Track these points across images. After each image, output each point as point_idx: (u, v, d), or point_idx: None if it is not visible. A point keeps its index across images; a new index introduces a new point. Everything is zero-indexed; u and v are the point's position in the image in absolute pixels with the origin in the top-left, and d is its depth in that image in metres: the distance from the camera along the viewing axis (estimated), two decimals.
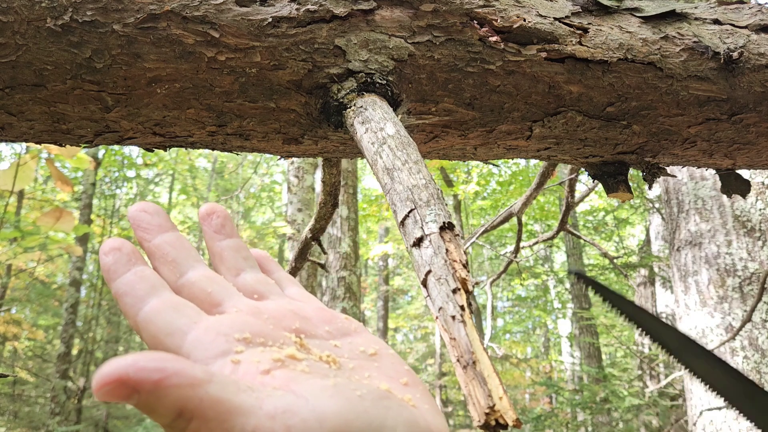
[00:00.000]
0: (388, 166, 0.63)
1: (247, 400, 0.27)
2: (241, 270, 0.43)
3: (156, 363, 0.26)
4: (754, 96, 0.88)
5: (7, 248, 4.50)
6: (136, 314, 0.35)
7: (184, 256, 0.40)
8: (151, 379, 0.25)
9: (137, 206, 0.40)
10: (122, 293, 0.36)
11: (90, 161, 2.94)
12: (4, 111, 0.75)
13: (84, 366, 8.80)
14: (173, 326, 0.34)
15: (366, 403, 0.30)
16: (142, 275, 0.36)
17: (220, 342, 0.33)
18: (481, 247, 10.43)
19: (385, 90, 0.75)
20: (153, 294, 0.35)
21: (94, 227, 9.74)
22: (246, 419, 0.27)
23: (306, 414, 0.28)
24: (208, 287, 0.39)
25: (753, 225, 2.74)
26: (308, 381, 0.31)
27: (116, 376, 0.25)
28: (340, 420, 0.28)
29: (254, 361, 0.32)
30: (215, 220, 0.44)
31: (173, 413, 0.26)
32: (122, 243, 0.38)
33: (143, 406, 0.26)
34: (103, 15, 0.69)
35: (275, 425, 0.27)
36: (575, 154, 0.97)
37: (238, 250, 0.44)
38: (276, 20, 0.73)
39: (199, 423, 0.26)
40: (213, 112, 0.78)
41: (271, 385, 0.30)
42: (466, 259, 0.53)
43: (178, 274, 0.39)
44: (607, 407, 5.56)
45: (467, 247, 3.24)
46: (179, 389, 0.26)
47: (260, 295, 0.41)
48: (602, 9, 0.87)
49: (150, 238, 0.40)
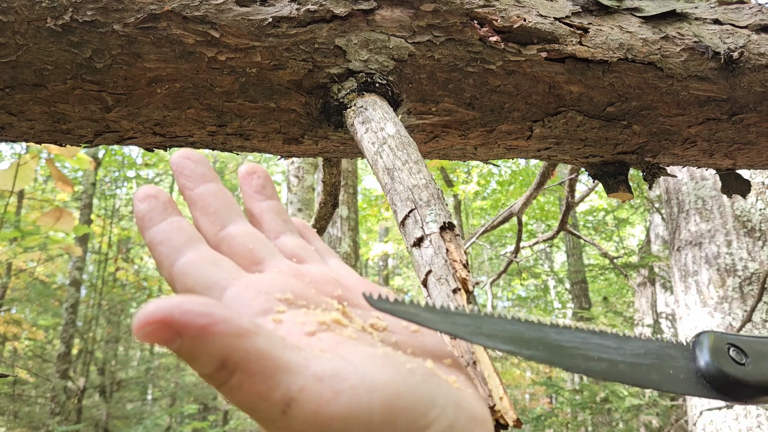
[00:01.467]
0: (389, 166, 0.63)
1: (294, 358, 0.26)
2: (281, 233, 0.41)
3: (203, 308, 0.24)
4: (754, 96, 0.88)
5: (7, 248, 4.51)
6: (172, 265, 0.33)
7: (226, 208, 0.38)
8: (196, 323, 0.24)
9: (181, 153, 0.39)
10: (157, 242, 0.34)
11: (90, 161, 2.94)
12: (4, 111, 0.75)
13: (84, 366, 8.80)
14: (211, 280, 0.32)
15: (417, 377, 0.28)
16: (178, 225, 0.35)
17: (260, 300, 0.32)
18: (481, 247, 10.43)
19: (386, 90, 0.75)
20: (190, 246, 0.34)
21: (94, 227, 9.74)
22: (292, 378, 0.25)
23: (355, 381, 0.26)
24: (250, 243, 0.37)
25: (753, 225, 2.74)
26: (356, 347, 0.30)
27: (160, 317, 0.24)
28: (390, 392, 0.26)
29: (298, 322, 0.31)
30: (256, 180, 0.42)
31: (216, 363, 0.25)
32: (158, 191, 0.36)
33: (185, 352, 0.25)
34: (104, 15, 0.69)
35: (322, 388, 0.25)
36: (575, 154, 0.97)
37: (278, 212, 0.42)
38: (276, 20, 0.73)
39: (242, 377, 0.25)
40: (213, 112, 0.78)
41: (318, 346, 0.29)
42: (467, 259, 0.53)
43: (219, 227, 0.37)
44: (607, 407, 5.56)
45: (467, 247, 3.24)
46: (225, 338, 0.24)
47: (300, 259, 0.39)
48: (602, 9, 0.87)
49: (192, 186, 0.38)
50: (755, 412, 2.47)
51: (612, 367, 0.35)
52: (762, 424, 2.43)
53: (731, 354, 0.36)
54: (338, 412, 0.25)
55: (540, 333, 0.35)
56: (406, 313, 0.34)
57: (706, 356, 0.36)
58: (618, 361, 0.35)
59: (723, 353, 0.36)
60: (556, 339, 0.35)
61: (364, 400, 0.26)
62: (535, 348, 0.34)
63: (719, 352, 0.36)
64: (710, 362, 0.36)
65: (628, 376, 0.35)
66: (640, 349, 0.36)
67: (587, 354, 0.35)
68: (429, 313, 0.34)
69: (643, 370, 0.35)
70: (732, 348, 0.37)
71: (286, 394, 0.25)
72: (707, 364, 0.36)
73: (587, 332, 0.36)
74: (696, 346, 0.37)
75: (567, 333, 0.36)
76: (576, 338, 0.36)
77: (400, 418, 0.26)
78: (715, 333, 0.37)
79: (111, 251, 10.41)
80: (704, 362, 0.36)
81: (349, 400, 0.25)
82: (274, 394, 0.25)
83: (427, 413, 0.27)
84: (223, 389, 0.26)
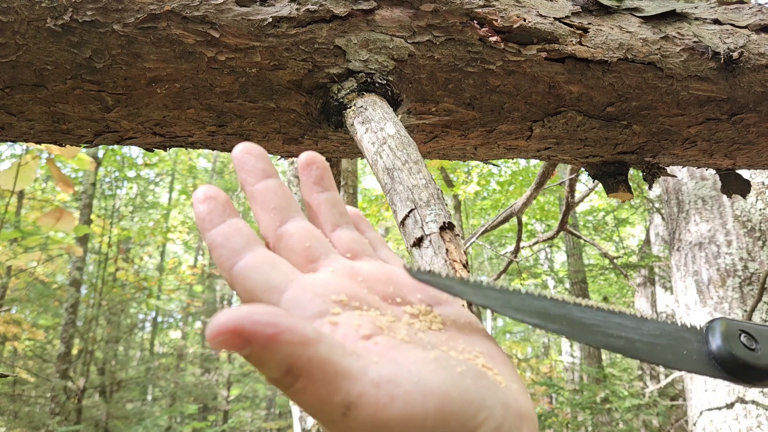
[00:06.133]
0: (389, 166, 0.63)
1: (353, 365, 0.27)
2: (337, 226, 0.42)
3: (270, 318, 0.26)
4: (754, 96, 0.88)
5: (7, 248, 4.50)
6: (231, 267, 0.34)
7: (285, 204, 0.39)
8: (265, 333, 0.25)
9: (242, 147, 0.39)
10: (217, 244, 0.35)
11: (90, 161, 2.94)
12: (4, 111, 0.75)
13: (84, 366, 8.80)
14: (270, 283, 0.34)
15: (467, 380, 0.30)
16: (237, 228, 0.36)
17: (317, 302, 0.33)
18: (481, 247, 10.43)
19: (385, 90, 0.75)
20: (248, 248, 0.35)
21: (94, 227, 9.74)
22: (351, 384, 0.27)
23: (409, 386, 0.27)
24: (307, 241, 0.38)
25: (753, 225, 2.74)
26: (410, 351, 0.31)
27: (231, 327, 0.25)
28: (442, 396, 0.28)
29: (354, 325, 0.32)
30: (315, 171, 0.42)
31: (282, 369, 0.26)
32: (217, 191, 0.37)
33: (254, 358, 0.26)
34: (103, 15, 0.69)
35: (379, 393, 0.27)
36: (575, 154, 0.97)
37: (335, 204, 0.42)
38: (276, 20, 0.73)
39: (306, 381, 0.26)
40: (213, 112, 0.78)
41: (374, 351, 0.30)
42: (466, 259, 0.53)
43: (278, 223, 0.39)
44: (607, 407, 5.56)
45: (467, 247, 3.24)
46: (290, 346, 0.26)
47: (354, 254, 0.40)
48: (602, 9, 0.87)
49: (253, 181, 0.39)
50: (755, 412, 2.47)
51: (630, 345, 0.37)
52: (762, 424, 2.43)
53: (742, 340, 0.38)
54: (394, 416, 0.27)
55: (564, 310, 0.38)
56: (442, 284, 0.37)
57: (718, 340, 0.38)
58: (635, 339, 0.37)
59: (734, 338, 0.38)
60: (579, 316, 0.38)
61: (418, 405, 0.27)
62: (560, 323, 0.37)
63: (731, 337, 0.38)
64: (722, 346, 0.38)
65: (644, 353, 0.37)
66: (656, 330, 0.38)
67: (607, 331, 0.37)
68: (463, 285, 0.37)
69: (658, 349, 0.37)
70: (743, 334, 0.39)
71: (345, 398, 0.26)
72: (719, 348, 0.38)
73: (607, 312, 0.39)
74: (709, 331, 0.39)
75: (589, 311, 0.38)
76: (597, 317, 0.38)
77: (452, 420, 0.28)
78: (727, 320, 0.39)
79: (111, 251, 10.41)
80: (716, 346, 0.38)
81: (404, 404, 0.27)
82: (334, 398, 0.26)
83: (477, 415, 0.28)
84: (289, 392, 0.27)
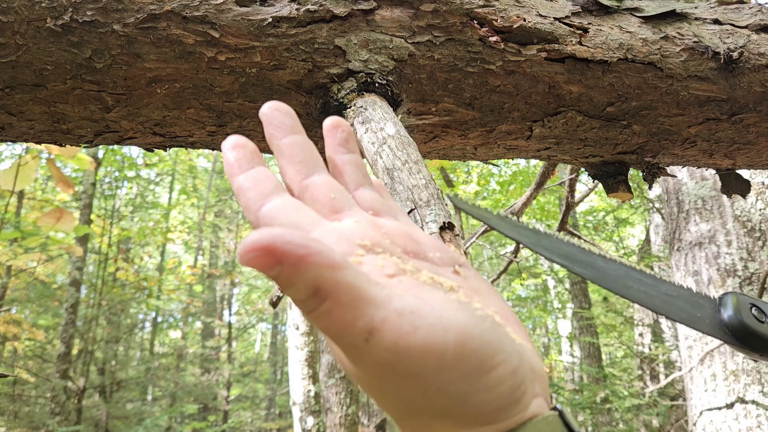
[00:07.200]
0: (389, 166, 0.63)
1: (378, 293, 0.28)
2: (360, 185, 0.43)
3: (301, 240, 0.27)
4: (754, 96, 0.88)
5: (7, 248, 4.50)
6: (259, 209, 0.35)
7: (311, 159, 0.41)
8: (296, 253, 0.26)
9: (270, 104, 0.41)
10: (246, 188, 0.36)
11: (90, 161, 2.94)
12: (4, 111, 0.75)
13: (84, 366, 8.80)
14: (297, 224, 0.35)
15: (487, 324, 0.31)
16: (265, 174, 0.37)
17: (342, 244, 0.34)
18: (481, 247, 10.43)
19: (385, 90, 0.76)
20: (275, 193, 0.36)
21: (94, 227, 9.74)
22: (375, 310, 0.27)
23: (432, 319, 0.28)
24: (331, 193, 0.39)
25: (753, 225, 2.74)
26: (432, 292, 0.32)
27: (264, 244, 0.26)
28: (464, 333, 0.29)
29: (378, 265, 0.33)
30: (340, 134, 0.44)
31: (309, 290, 0.27)
32: (245, 141, 0.38)
33: (283, 278, 0.27)
34: (103, 15, 0.69)
35: (402, 322, 0.28)
36: (575, 154, 0.97)
37: (359, 166, 0.44)
38: (276, 20, 0.73)
39: (331, 304, 0.27)
40: (213, 112, 0.78)
41: (398, 287, 0.31)
42: (466, 259, 0.53)
43: (304, 175, 0.40)
44: (607, 407, 5.56)
45: (467, 247, 3.24)
46: (319, 268, 0.27)
47: (376, 212, 0.41)
48: (602, 9, 0.87)
49: (281, 136, 0.40)
50: (755, 412, 2.47)
51: (648, 298, 0.40)
52: (762, 424, 2.43)
53: (753, 312, 0.41)
54: (416, 344, 0.28)
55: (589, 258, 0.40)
56: (481, 215, 0.39)
57: (730, 310, 0.41)
58: (654, 294, 0.40)
59: (746, 310, 0.41)
60: (603, 265, 0.40)
61: (439, 337, 0.28)
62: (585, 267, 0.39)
63: (742, 308, 0.41)
64: (733, 315, 0.41)
65: (661, 307, 0.40)
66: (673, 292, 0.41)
67: (627, 283, 0.40)
68: (500, 220, 0.40)
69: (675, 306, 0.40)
70: (754, 308, 0.42)
71: (369, 323, 0.27)
72: (730, 317, 0.41)
73: (628, 267, 0.41)
74: (721, 302, 0.42)
75: (612, 263, 0.41)
76: (619, 269, 0.41)
77: (471, 357, 0.29)
78: (738, 294, 0.42)
79: (111, 251, 10.41)
80: (728, 315, 0.41)
81: (426, 335, 0.28)
82: (358, 323, 0.27)
83: (494, 356, 0.29)
84: (313, 315, 0.28)
